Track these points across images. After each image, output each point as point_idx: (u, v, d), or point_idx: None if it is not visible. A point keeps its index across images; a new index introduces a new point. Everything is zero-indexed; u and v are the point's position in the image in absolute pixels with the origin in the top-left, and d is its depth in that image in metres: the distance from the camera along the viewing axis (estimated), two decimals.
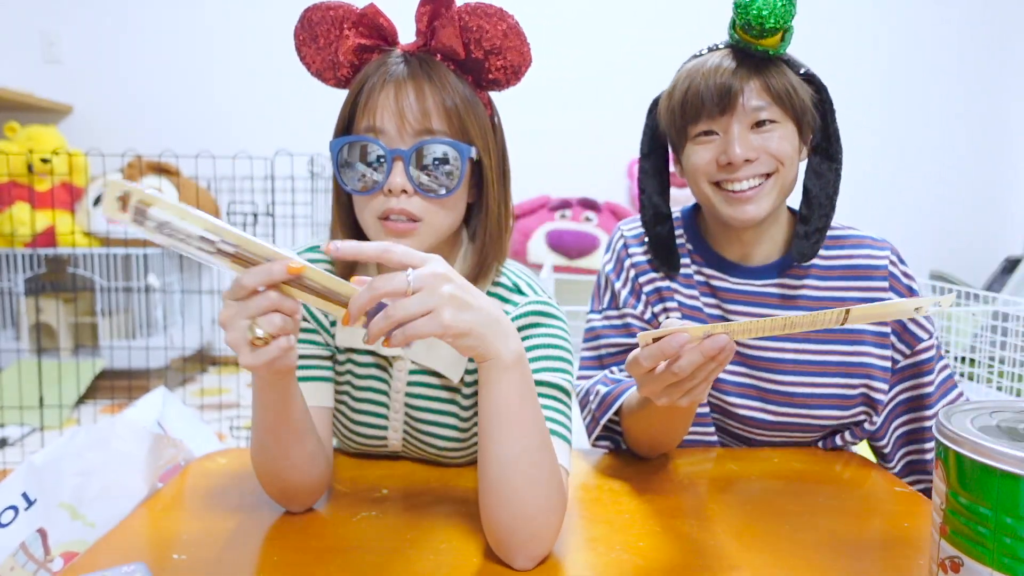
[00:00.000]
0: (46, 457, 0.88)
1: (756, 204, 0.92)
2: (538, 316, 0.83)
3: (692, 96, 0.93)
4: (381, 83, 0.76)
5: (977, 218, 3.31)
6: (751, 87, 0.91)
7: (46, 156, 2.65)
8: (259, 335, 0.59)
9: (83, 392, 2.53)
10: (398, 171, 0.75)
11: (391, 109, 0.75)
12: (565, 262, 2.88)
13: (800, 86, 0.93)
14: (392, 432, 0.91)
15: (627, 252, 1.06)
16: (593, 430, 0.99)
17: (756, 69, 0.91)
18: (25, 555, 0.84)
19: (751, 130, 0.92)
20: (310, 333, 0.88)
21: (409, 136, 0.76)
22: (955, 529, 0.52)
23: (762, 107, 0.91)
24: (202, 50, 3.07)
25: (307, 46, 0.81)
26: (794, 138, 0.93)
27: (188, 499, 0.84)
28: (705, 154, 0.94)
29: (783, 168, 0.92)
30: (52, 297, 2.75)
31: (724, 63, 0.92)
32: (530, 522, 0.67)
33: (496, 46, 0.77)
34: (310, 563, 0.68)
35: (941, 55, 3.18)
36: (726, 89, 0.91)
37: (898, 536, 0.76)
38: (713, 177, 0.94)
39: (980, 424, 0.54)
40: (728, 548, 0.72)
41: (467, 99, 0.79)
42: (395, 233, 0.77)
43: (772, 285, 1.00)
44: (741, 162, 0.91)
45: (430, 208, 0.77)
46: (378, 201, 0.77)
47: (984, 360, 2.21)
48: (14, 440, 2.24)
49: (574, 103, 3.15)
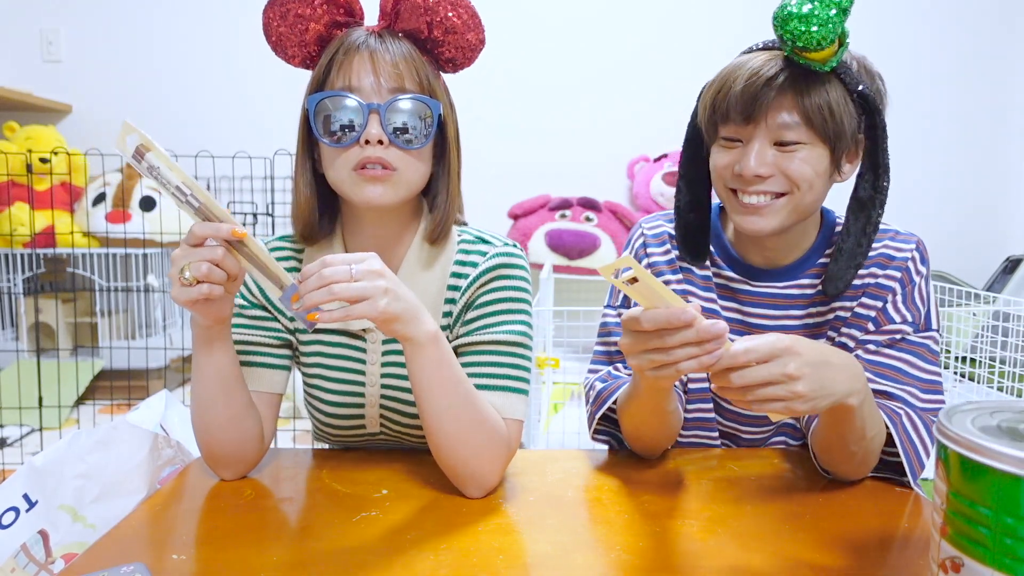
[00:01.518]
0: (47, 458, 0.88)
1: (765, 219, 0.90)
2: (503, 268, 0.91)
3: (723, 98, 0.88)
4: (356, 48, 0.84)
5: (978, 218, 3.31)
6: (783, 102, 0.85)
7: (45, 156, 2.65)
8: (186, 277, 0.72)
9: (82, 392, 2.52)
10: (374, 122, 0.82)
11: (366, 68, 0.83)
12: (565, 262, 2.88)
13: (844, 107, 0.86)
14: (369, 409, 0.95)
15: (646, 251, 1.04)
16: (590, 424, 1.01)
17: (795, 82, 0.85)
18: (26, 556, 0.84)
19: (774, 146, 0.87)
20: (264, 320, 0.94)
21: (384, 92, 0.83)
22: (955, 529, 0.52)
23: (789, 125, 0.86)
24: (202, 50, 3.07)
25: (275, 22, 0.86)
26: (821, 162, 0.88)
27: (188, 499, 0.84)
28: (725, 158, 0.92)
29: (798, 192, 0.88)
30: (51, 297, 2.75)
31: (764, 70, 0.85)
32: (468, 461, 0.82)
33: (455, 27, 0.86)
34: (310, 563, 0.68)
35: (941, 55, 3.18)
36: (754, 100, 0.85)
37: (898, 536, 0.76)
38: (729, 183, 0.92)
39: (980, 424, 0.54)
40: (728, 548, 0.72)
41: (433, 71, 0.88)
42: (371, 179, 0.84)
43: (793, 287, 0.98)
44: (752, 177, 0.88)
45: (404, 158, 0.85)
46: (353, 152, 0.83)
47: (984, 360, 2.20)
48: (13, 440, 2.24)
49: (574, 103, 3.15)
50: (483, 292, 0.91)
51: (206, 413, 0.84)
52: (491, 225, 0.97)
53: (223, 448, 0.86)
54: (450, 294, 0.92)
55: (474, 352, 0.89)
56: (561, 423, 2.09)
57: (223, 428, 0.85)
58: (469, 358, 0.89)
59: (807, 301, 0.99)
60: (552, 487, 0.88)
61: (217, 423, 0.85)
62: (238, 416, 0.86)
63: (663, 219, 1.06)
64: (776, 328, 0.99)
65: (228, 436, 0.86)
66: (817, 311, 0.98)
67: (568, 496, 0.85)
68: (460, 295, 0.91)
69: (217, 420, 0.84)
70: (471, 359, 0.89)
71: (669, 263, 1.03)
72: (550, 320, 2.35)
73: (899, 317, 0.94)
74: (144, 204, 2.70)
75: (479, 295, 0.91)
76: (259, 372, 0.92)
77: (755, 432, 1.04)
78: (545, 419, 2.12)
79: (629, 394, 0.91)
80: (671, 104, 3.10)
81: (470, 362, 0.89)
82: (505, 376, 0.88)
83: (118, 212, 2.64)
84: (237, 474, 0.89)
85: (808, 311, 0.99)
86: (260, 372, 0.92)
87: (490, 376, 0.88)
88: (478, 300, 0.91)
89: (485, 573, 0.67)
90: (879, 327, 0.94)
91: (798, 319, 0.99)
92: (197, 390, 0.84)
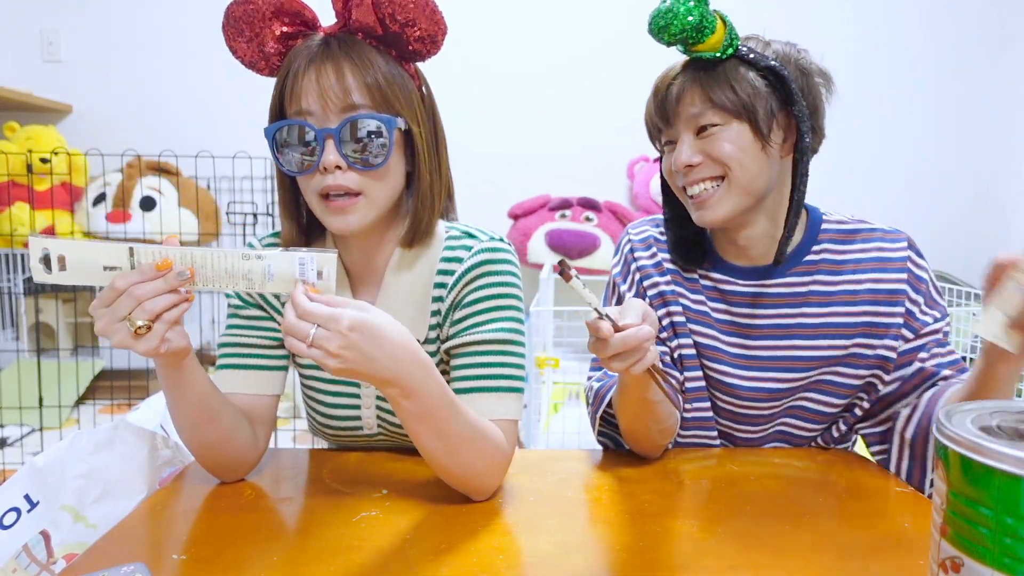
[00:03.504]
0: (48, 459, 0.88)
1: (712, 209, 0.94)
2: (488, 264, 0.89)
3: (649, 111, 0.98)
4: (304, 67, 0.81)
5: (977, 218, 3.31)
6: (690, 94, 0.92)
7: (45, 156, 2.65)
8: (140, 324, 0.67)
9: (82, 392, 2.53)
10: (330, 149, 0.80)
11: (315, 91, 0.80)
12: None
13: (748, 83, 0.90)
14: (366, 411, 0.94)
15: (633, 256, 1.06)
16: (593, 426, 1.02)
17: (696, 73, 0.92)
18: (28, 557, 0.84)
19: (696, 136, 0.93)
20: (260, 320, 0.93)
21: (335, 114, 0.80)
22: (956, 529, 0.52)
23: (700, 112, 0.91)
24: (202, 50, 3.07)
25: (235, 41, 0.85)
26: (743, 137, 0.91)
27: (188, 499, 0.84)
28: (666, 162, 0.98)
29: (732, 171, 0.91)
30: (52, 297, 2.75)
31: (669, 73, 0.95)
32: (467, 481, 0.81)
33: (410, 18, 0.82)
34: (310, 563, 0.68)
35: (941, 54, 3.18)
36: (664, 101, 0.94)
37: (898, 536, 0.76)
38: (677, 183, 0.97)
39: (980, 424, 0.54)
40: (728, 548, 0.72)
41: (389, 73, 0.83)
42: (337, 210, 0.82)
43: (780, 285, 0.99)
44: (682, 167, 0.93)
45: (367, 182, 0.82)
46: (316, 180, 0.82)
47: None
48: (13, 440, 2.24)
49: (575, 103, 3.15)
50: (470, 291, 0.89)
51: (193, 437, 0.83)
52: (491, 225, 0.96)
53: (218, 461, 0.86)
54: (437, 292, 0.91)
55: (465, 354, 0.88)
56: (561, 423, 2.09)
57: (213, 447, 0.84)
58: (460, 360, 0.88)
59: (799, 300, 0.99)
60: (552, 487, 0.88)
61: (207, 443, 0.83)
62: (227, 435, 0.84)
63: (649, 224, 1.09)
64: (770, 327, 0.99)
65: (221, 452, 0.85)
66: (813, 312, 0.98)
67: (568, 496, 0.85)
68: (447, 293, 0.90)
69: (207, 441, 0.83)
70: (462, 361, 0.88)
71: (656, 266, 1.04)
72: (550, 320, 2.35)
73: (930, 318, 0.97)
74: (144, 204, 2.70)
75: (465, 294, 0.89)
76: (256, 375, 0.91)
77: (751, 431, 1.04)
78: (545, 419, 2.12)
79: (618, 389, 0.93)
80: None
81: (461, 364, 0.88)
82: (497, 376, 0.87)
83: (118, 212, 2.64)
84: (235, 478, 0.89)
85: (802, 310, 0.99)
86: (257, 375, 0.91)
87: (482, 378, 0.87)
88: (465, 299, 0.89)
89: (485, 573, 0.67)
90: (917, 333, 0.97)
91: (791, 318, 0.99)
92: (179, 420, 0.81)
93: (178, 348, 0.72)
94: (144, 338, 0.68)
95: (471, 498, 0.83)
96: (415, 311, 0.90)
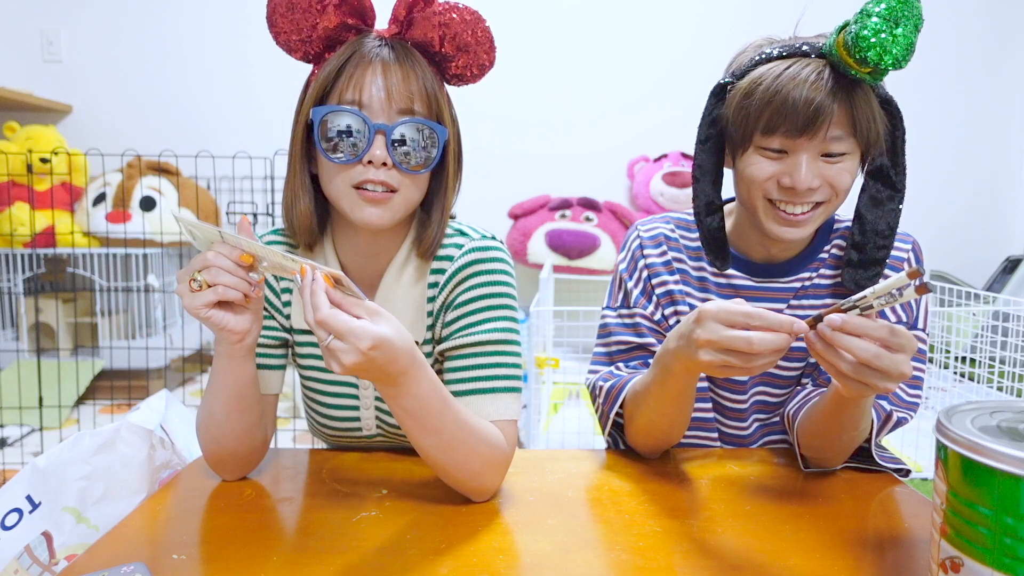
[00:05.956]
0: (50, 460, 0.88)
1: (804, 228, 0.91)
2: (479, 263, 0.89)
3: (777, 107, 0.84)
4: (368, 60, 0.81)
5: (978, 218, 3.31)
6: (838, 115, 0.84)
7: (45, 156, 2.65)
8: (197, 279, 0.73)
9: (82, 392, 2.52)
10: (379, 144, 0.80)
11: (378, 85, 0.80)
12: (565, 262, 2.88)
13: (879, 115, 0.87)
14: (364, 412, 0.94)
15: (642, 253, 1.05)
16: (604, 424, 1.00)
17: (847, 95, 0.84)
18: (30, 558, 0.84)
19: (820, 157, 0.87)
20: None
21: (393, 113, 0.81)
22: (955, 529, 0.52)
23: (839, 137, 0.86)
24: (202, 50, 3.07)
25: (282, 15, 0.83)
26: (856, 169, 0.89)
27: (188, 499, 0.84)
28: (768, 169, 0.89)
29: (836, 199, 0.90)
30: (51, 297, 2.75)
31: (806, 78, 0.84)
32: (466, 482, 0.81)
33: (467, 44, 0.84)
34: (310, 563, 0.68)
35: (941, 54, 3.18)
36: (816, 113, 0.83)
37: (898, 536, 0.76)
38: (770, 194, 0.90)
39: (980, 424, 0.54)
40: (728, 548, 0.72)
41: (438, 88, 0.85)
42: (371, 201, 0.82)
43: (795, 280, 1.00)
44: (804, 190, 0.87)
45: (405, 181, 0.83)
46: (356, 171, 0.81)
47: (984, 360, 2.20)
48: (13, 440, 2.24)
49: (575, 103, 3.15)
50: (461, 291, 0.88)
51: (219, 426, 0.83)
52: (491, 225, 0.96)
53: (232, 456, 0.86)
54: (429, 292, 0.90)
55: (459, 356, 0.87)
56: (561, 423, 2.09)
57: (235, 439, 0.85)
58: (455, 363, 0.88)
59: (800, 293, 1.00)
60: (552, 487, 0.88)
61: (230, 435, 0.84)
62: (251, 429, 0.85)
63: (659, 221, 1.08)
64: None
65: (238, 447, 0.85)
66: (810, 304, 0.99)
67: (568, 496, 0.86)
68: (438, 292, 0.89)
69: (231, 432, 0.84)
70: (457, 363, 0.87)
71: (665, 264, 1.04)
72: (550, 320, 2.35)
73: (894, 317, 0.96)
74: (144, 204, 2.70)
75: (457, 294, 0.89)
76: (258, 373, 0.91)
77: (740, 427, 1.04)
78: (545, 419, 2.12)
79: (647, 385, 0.90)
80: (672, 105, 3.10)
81: (456, 367, 0.87)
82: (494, 377, 0.86)
83: (118, 212, 2.64)
84: (239, 476, 0.89)
85: (800, 302, 0.99)
86: (259, 373, 0.91)
87: (478, 379, 0.86)
88: (456, 299, 0.88)
89: (485, 573, 0.67)
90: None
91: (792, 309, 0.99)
92: (212, 404, 0.83)
93: (228, 326, 0.76)
94: (195, 294, 0.73)
95: (471, 499, 0.83)
96: (415, 313, 0.90)
